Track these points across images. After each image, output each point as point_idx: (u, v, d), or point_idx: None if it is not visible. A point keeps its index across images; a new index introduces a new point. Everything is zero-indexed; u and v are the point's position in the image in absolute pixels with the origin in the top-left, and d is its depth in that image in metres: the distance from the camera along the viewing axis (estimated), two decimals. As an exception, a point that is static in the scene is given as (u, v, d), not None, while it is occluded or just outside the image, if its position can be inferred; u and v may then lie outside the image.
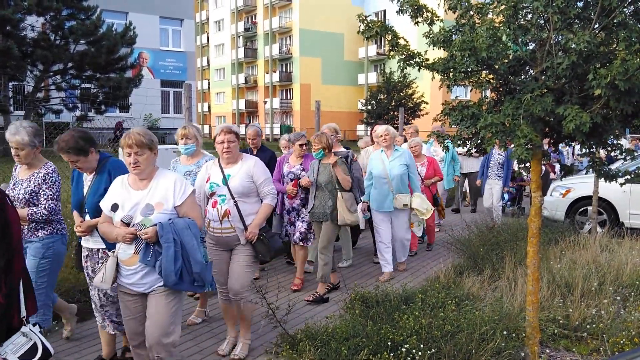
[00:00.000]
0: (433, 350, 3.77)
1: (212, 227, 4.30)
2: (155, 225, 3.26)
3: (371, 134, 8.28)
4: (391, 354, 3.75)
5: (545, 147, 4.23)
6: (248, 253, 4.31)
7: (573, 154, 15.85)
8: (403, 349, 3.78)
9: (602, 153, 14.31)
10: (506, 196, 11.31)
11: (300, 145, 6.31)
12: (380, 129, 6.65)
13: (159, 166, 3.58)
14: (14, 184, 4.16)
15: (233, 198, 4.23)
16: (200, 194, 4.36)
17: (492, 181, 9.68)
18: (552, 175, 12.00)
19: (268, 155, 6.67)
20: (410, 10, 3.74)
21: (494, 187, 9.66)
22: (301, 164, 6.28)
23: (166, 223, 3.26)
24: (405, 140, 9.47)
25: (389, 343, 3.88)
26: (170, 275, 3.22)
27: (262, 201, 4.41)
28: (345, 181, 5.74)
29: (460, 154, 11.28)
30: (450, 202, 12.37)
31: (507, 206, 11.12)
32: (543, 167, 10.63)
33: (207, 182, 4.35)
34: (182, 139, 5.10)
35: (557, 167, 13.16)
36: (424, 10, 3.75)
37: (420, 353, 3.71)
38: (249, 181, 4.29)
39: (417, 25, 3.86)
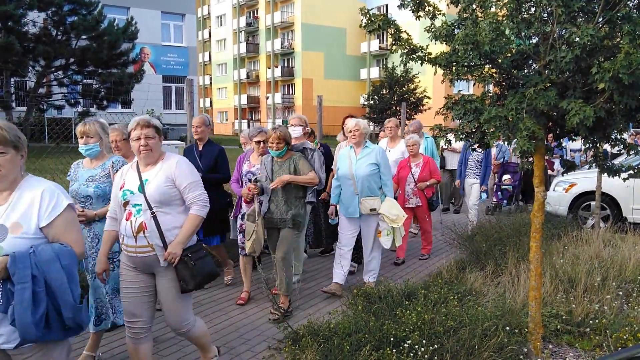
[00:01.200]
0: (436, 345, 3.76)
1: (125, 244, 3.44)
2: (8, 255, 2.40)
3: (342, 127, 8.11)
4: (394, 350, 3.74)
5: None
6: (175, 277, 3.46)
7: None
8: (405, 345, 3.77)
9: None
10: (499, 195, 11.13)
11: (258, 142, 5.53)
12: (350, 122, 5.80)
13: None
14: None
15: (150, 208, 3.39)
16: (116, 205, 3.57)
17: (471, 180, 9.09)
18: (550, 172, 11.80)
19: (215, 151, 5.80)
20: (411, 4, 3.72)
21: (472, 186, 9.05)
22: (262, 163, 5.48)
23: (22, 253, 2.39)
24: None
25: (392, 339, 3.87)
26: (28, 327, 2.35)
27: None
28: (312, 181, 5.14)
29: (447, 149, 10.73)
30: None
31: (503, 205, 10.85)
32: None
33: (120, 189, 3.51)
34: (81, 137, 4.11)
35: (557, 163, 12.86)
36: (426, 4, 3.72)
37: (422, 349, 3.70)
38: (169, 186, 3.43)
39: (419, 19, 3.83)
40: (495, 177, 11.60)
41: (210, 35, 64.51)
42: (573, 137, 3.95)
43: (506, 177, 11.34)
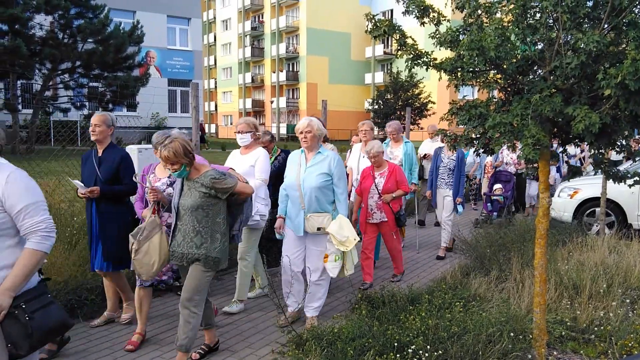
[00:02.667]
0: (440, 351, 3.75)
1: None
2: None
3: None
4: (397, 355, 3.74)
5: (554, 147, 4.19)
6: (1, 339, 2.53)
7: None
8: (409, 350, 3.77)
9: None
10: (489, 206, 10.42)
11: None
12: (301, 122, 4.92)
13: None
14: None
15: None
16: None
17: (443, 191, 7.95)
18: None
19: (117, 157, 4.74)
20: (416, 10, 3.73)
21: (445, 198, 7.95)
22: (170, 177, 4.56)
23: None
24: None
25: (396, 344, 3.87)
26: None
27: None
28: (246, 190, 4.12)
29: (426, 158, 9.71)
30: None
31: (493, 217, 10.02)
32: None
33: None
34: None
35: (553, 170, 12.22)
36: (430, 10, 3.73)
37: (427, 354, 3.70)
38: None
39: (423, 25, 3.84)
40: (488, 181, 11.13)
41: (215, 39, 64.72)
42: (577, 143, 3.95)
43: (497, 186, 10.60)
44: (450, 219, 7.94)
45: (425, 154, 9.86)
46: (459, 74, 3.60)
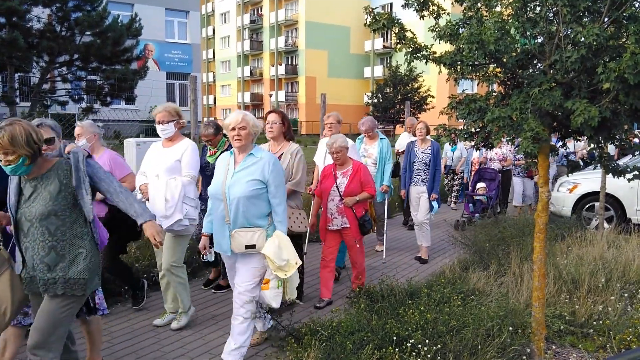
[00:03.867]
0: (439, 345, 3.76)
1: None
2: None
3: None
4: (396, 349, 3.74)
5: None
6: None
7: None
8: (408, 344, 3.77)
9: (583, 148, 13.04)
10: (471, 207, 9.60)
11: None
12: (232, 116, 3.92)
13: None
14: None
15: None
16: None
17: (418, 188, 7.32)
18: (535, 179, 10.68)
19: None
20: (416, 3, 3.71)
21: (420, 196, 7.31)
22: None
23: None
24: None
25: (394, 338, 3.87)
26: None
27: None
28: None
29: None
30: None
31: (474, 219, 9.30)
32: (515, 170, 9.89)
33: None
34: None
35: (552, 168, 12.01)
36: (430, 3, 3.71)
37: (425, 348, 3.70)
38: None
39: (423, 19, 3.82)
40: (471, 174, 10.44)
41: (214, 33, 64.52)
42: (578, 138, 3.94)
43: (480, 185, 9.82)
44: (427, 220, 7.32)
45: (403, 150, 9.13)
46: (459, 67, 3.59)
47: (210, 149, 5.69)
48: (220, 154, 5.25)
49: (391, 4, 48.73)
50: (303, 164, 5.06)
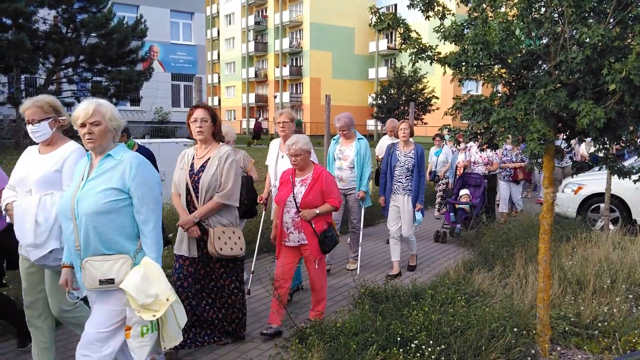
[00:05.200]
0: (443, 346, 3.75)
1: None
2: None
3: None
4: (400, 350, 3.74)
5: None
6: None
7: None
8: (412, 345, 3.77)
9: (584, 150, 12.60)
10: (452, 217, 8.61)
11: None
12: (81, 107, 2.96)
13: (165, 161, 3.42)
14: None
15: None
16: None
17: (400, 198, 6.52)
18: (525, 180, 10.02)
19: None
20: (421, 4, 3.71)
21: (402, 206, 6.52)
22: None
23: None
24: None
25: (398, 338, 3.87)
26: None
27: None
28: None
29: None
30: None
31: (456, 230, 8.48)
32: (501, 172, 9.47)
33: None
34: None
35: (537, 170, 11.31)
36: (435, 4, 3.71)
37: (429, 349, 3.70)
38: None
39: (428, 19, 3.82)
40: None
41: (219, 34, 64.61)
42: (583, 139, 3.93)
43: (464, 192, 8.83)
44: (412, 233, 6.66)
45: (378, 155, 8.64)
46: (463, 68, 3.59)
47: None
48: None
49: (396, 5, 48.70)
50: (235, 171, 4.17)
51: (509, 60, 3.54)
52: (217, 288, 4.33)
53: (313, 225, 4.64)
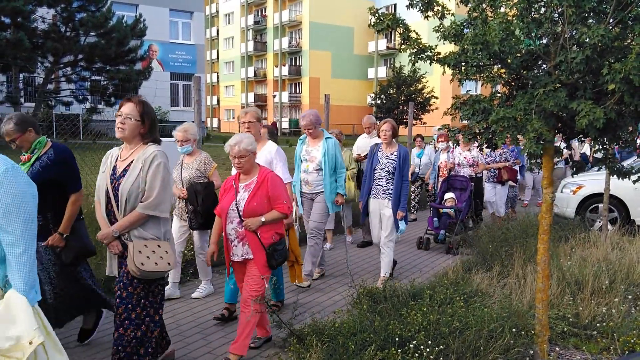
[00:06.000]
0: (441, 346, 3.75)
1: None
2: None
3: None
4: (399, 350, 3.73)
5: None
6: None
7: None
8: (411, 345, 3.76)
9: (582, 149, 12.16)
10: (435, 222, 8.01)
11: None
12: None
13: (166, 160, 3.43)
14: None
15: None
16: None
17: (380, 202, 6.10)
18: (513, 181, 9.55)
19: None
20: (420, 4, 3.70)
21: (383, 211, 6.10)
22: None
23: None
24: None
25: (397, 339, 3.86)
26: None
27: None
28: None
29: (362, 158, 7.67)
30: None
31: (439, 236, 7.83)
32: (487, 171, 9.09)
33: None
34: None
35: (527, 174, 10.89)
36: (435, 4, 3.70)
37: (428, 349, 3.69)
38: None
39: (427, 19, 3.81)
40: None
41: (218, 33, 64.60)
42: (582, 139, 3.93)
43: (449, 196, 8.22)
44: (392, 240, 6.13)
45: (359, 155, 8.02)
46: (463, 68, 3.58)
47: (23, 154, 4.05)
48: (35, 160, 3.96)
49: (395, 5, 48.73)
50: (163, 176, 3.50)
51: (509, 60, 3.53)
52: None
53: (259, 236, 4.06)
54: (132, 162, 3.50)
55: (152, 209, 3.44)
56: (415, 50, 3.71)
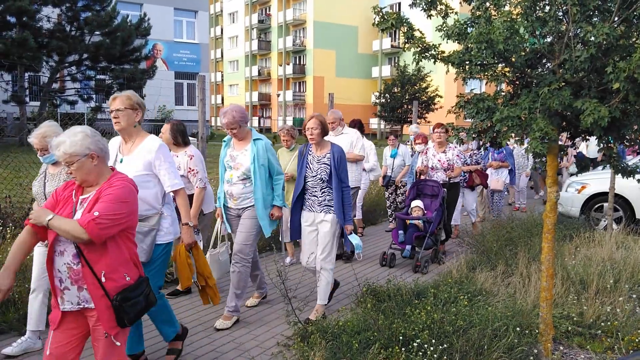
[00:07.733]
0: (445, 345, 3.75)
1: None
2: None
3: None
4: (402, 349, 3.73)
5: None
6: None
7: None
8: (415, 344, 3.76)
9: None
10: (401, 235, 6.82)
11: None
12: None
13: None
14: None
15: None
16: None
17: (314, 216, 4.96)
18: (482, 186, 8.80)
19: None
20: (423, 3, 3.70)
21: (319, 226, 4.95)
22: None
23: None
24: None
25: (401, 337, 3.86)
26: None
27: None
28: None
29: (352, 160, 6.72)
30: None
31: (405, 251, 6.67)
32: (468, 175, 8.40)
33: None
34: None
35: (504, 174, 10.00)
36: (438, 3, 3.70)
37: (432, 348, 3.69)
38: None
39: (430, 18, 3.81)
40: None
41: (222, 32, 64.69)
42: (586, 138, 3.92)
43: (416, 204, 7.00)
44: (330, 262, 4.89)
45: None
46: (467, 67, 3.58)
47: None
48: None
49: (399, 4, 48.64)
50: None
51: (513, 59, 3.52)
52: None
53: (101, 278, 2.71)
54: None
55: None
56: (419, 49, 3.71)
